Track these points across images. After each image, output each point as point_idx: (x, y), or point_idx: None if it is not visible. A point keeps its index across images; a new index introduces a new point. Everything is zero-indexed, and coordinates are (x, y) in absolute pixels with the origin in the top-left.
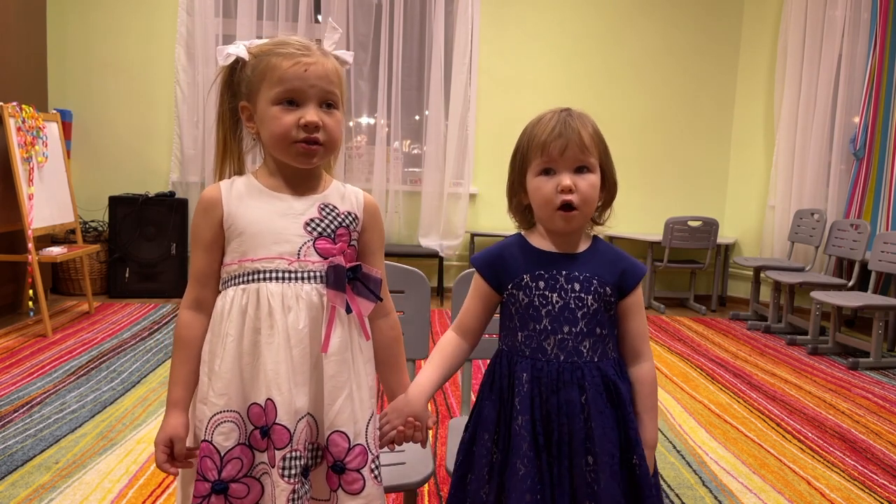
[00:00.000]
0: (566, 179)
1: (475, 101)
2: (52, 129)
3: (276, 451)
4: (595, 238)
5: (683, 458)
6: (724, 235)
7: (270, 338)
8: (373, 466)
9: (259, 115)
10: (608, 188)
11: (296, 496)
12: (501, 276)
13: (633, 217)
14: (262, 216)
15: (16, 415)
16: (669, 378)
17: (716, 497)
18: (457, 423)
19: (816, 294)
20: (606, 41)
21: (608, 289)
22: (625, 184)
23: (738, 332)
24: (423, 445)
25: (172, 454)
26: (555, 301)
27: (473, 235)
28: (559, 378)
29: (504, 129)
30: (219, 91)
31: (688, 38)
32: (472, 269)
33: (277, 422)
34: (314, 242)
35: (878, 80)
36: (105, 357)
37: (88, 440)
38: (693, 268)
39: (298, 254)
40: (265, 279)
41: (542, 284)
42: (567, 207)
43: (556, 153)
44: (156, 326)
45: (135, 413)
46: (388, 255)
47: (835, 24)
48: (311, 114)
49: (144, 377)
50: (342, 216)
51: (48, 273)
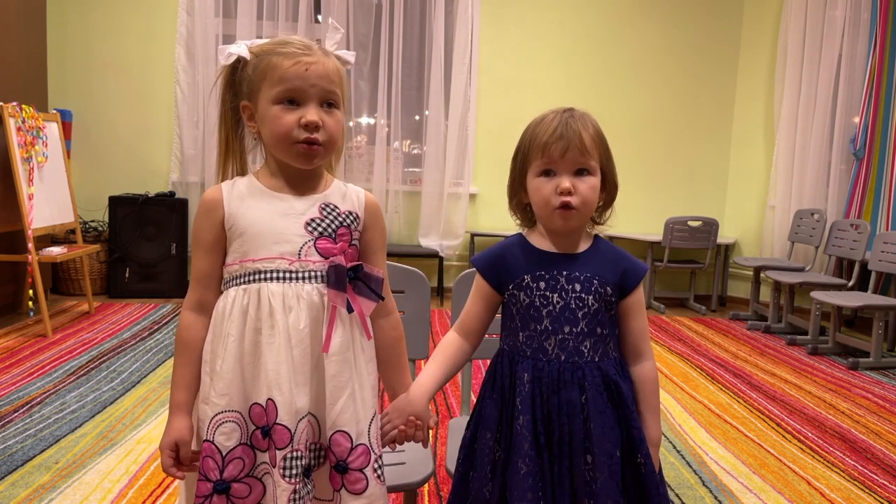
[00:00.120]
0: (565, 182)
1: (475, 101)
2: (52, 129)
3: (277, 452)
4: (596, 237)
5: (683, 458)
6: (724, 235)
7: (271, 338)
8: (375, 466)
9: (260, 115)
10: (609, 189)
11: (297, 496)
12: (502, 277)
13: (633, 217)
14: (263, 216)
15: (16, 415)
16: (669, 378)
17: (716, 497)
18: (457, 424)
19: (816, 294)
20: (606, 41)
21: (609, 288)
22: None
23: (738, 332)
24: (425, 445)
25: (178, 458)
26: (555, 301)
27: (473, 235)
28: (560, 378)
29: (504, 130)
30: (220, 91)
31: (688, 38)
32: (473, 270)
33: (278, 422)
34: (315, 242)
35: (878, 80)
36: (105, 357)
37: (88, 440)
38: (693, 268)
39: (299, 254)
40: (266, 279)
41: (543, 285)
42: (566, 208)
43: (557, 155)
44: (156, 326)
45: (135, 413)
46: (389, 255)
47: (835, 24)
48: (312, 113)
49: (144, 377)
50: (343, 216)
51: (48, 273)
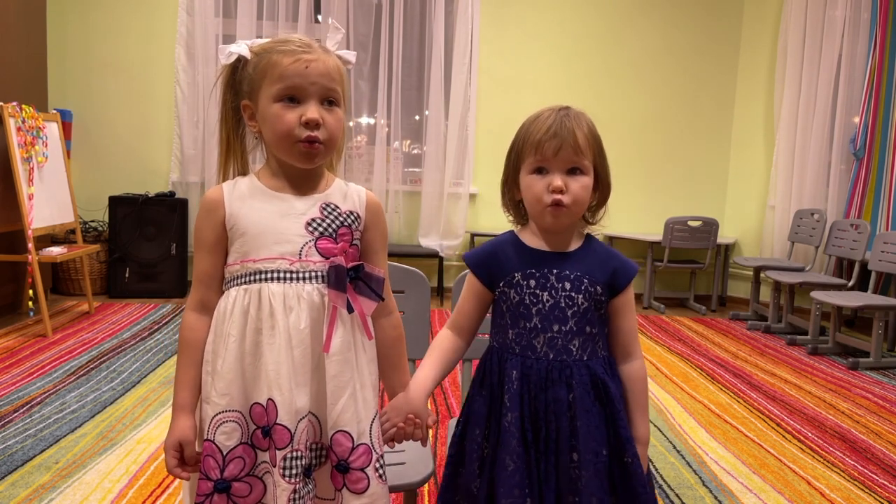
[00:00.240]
0: (557, 180)
1: (475, 101)
2: (52, 129)
3: (277, 451)
4: (588, 237)
5: (683, 458)
6: (724, 235)
7: (272, 338)
8: (377, 465)
9: (261, 114)
10: (601, 189)
11: (297, 496)
12: (493, 274)
13: (633, 217)
14: (264, 217)
15: (16, 415)
16: (669, 378)
17: (716, 497)
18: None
19: (816, 294)
20: (606, 41)
21: (599, 288)
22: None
23: (738, 332)
24: (424, 443)
25: (182, 458)
26: (545, 300)
27: (473, 235)
28: (548, 376)
29: (504, 129)
30: (221, 90)
31: (688, 38)
32: None
33: (278, 422)
34: (315, 242)
35: (878, 80)
36: (105, 357)
37: (88, 440)
38: (693, 268)
39: (300, 254)
40: (267, 279)
41: (533, 283)
42: (556, 205)
43: (550, 153)
44: (156, 326)
45: (135, 413)
46: (389, 255)
47: (835, 24)
48: (313, 111)
49: (144, 377)
50: (344, 215)
51: (48, 273)
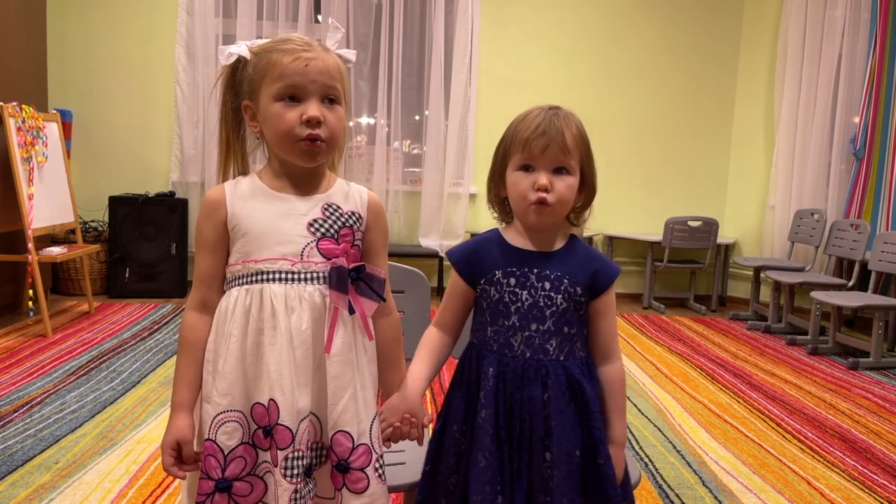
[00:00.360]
0: (543, 178)
1: (475, 101)
2: (52, 129)
3: (279, 451)
4: (572, 237)
5: (683, 458)
6: (724, 235)
7: (273, 338)
8: (377, 465)
9: (261, 113)
10: (587, 191)
11: (298, 496)
12: (475, 271)
13: (633, 217)
14: (266, 217)
15: (16, 415)
16: (669, 378)
17: (716, 497)
18: None
19: (816, 294)
20: (606, 41)
21: (579, 288)
22: (625, 184)
23: (738, 332)
24: (420, 442)
25: (180, 457)
26: (524, 298)
27: (473, 235)
28: (524, 375)
29: (504, 129)
30: (221, 91)
31: (688, 38)
32: None
33: (280, 422)
34: (317, 243)
35: (878, 80)
36: (105, 357)
37: (88, 440)
38: (693, 268)
39: (301, 254)
40: (268, 280)
41: (513, 281)
42: (541, 204)
43: (537, 151)
44: (156, 326)
45: (135, 413)
46: (389, 255)
47: (835, 24)
48: (313, 108)
49: (144, 377)
50: (346, 216)
51: (48, 273)
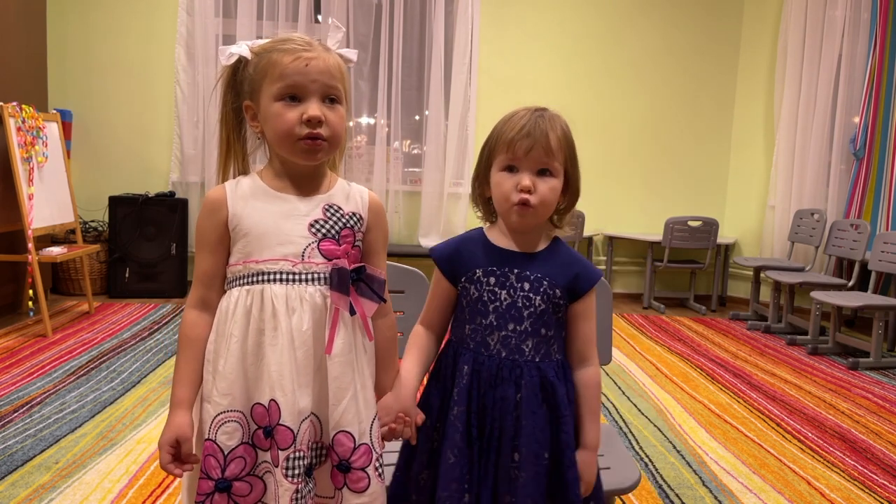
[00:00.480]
0: (526, 179)
1: (475, 101)
2: (52, 129)
3: (280, 452)
4: (555, 239)
5: (683, 458)
6: (724, 235)
7: (274, 339)
8: (377, 465)
9: (262, 113)
10: (571, 193)
11: (299, 496)
12: (457, 269)
13: (633, 217)
14: (267, 217)
15: (16, 415)
16: (669, 378)
17: (716, 497)
18: None
19: (816, 294)
20: (606, 41)
21: (558, 291)
22: (625, 184)
23: (738, 332)
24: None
25: (178, 455)
26: (503, 298)
27: None
28: (498, 374)
29: None
30: (221, 91)
31: (688, 38)
32: None
33: (281, 423)
34: (318, 244)
35: (878, 80)
36: (105, 357)
37: (88, 440)
38: (693, 268)
39: (303, 255)
40: (269, 280)
41: (493, 280)
42: (523, 205)
43: (521, 153)
44: (156, 326)
45: (135, 413)
46: (389, 255)
47: (835, 24)
48: (314, 108)
49: (144, 377)
50: (347, 217)
51: (48, 273)
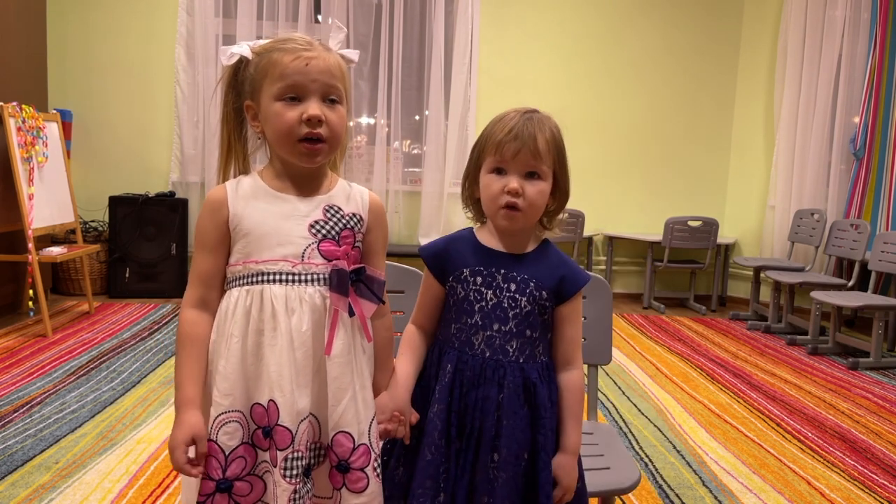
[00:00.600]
0: (513, 182)
1: (475, 101)
2: (52, 129)
3: (279, 452)
4: (545, 241)
5: (683, 458)
6: (724, 235)
7: (273, 340)
8: (375, 465)
9: (263, 113)
10: (559, 196)
11: (297, 496)
12: (445, 268)
13: (633, 217)
14: (267, 218)
15: (16, 415)
16: (669, 378)
17: (716, 497)
18: None
19: (816, 294)
20: (606, 41)
21: (545, 293)
22: (625, 184)
23: (738, 332)
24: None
25: (194, 454)
26: (489, 298)
27: None
28: (482, 374)
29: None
30: (222, 91)
31: (688, 38)
32: None
33: (279, 423)
34: (318, 245)
35: (878, 80)
36: (105, 357)
37: (88, 440)
38: (693, 268)
39: (303, 256)
40: (269, 281)
41: (480, 280)
42: (511, 208)
43: (509, 155)
44: (156, 326)
45: (135, 413)
46: (389, 255)
47: (835, 24)
48: (314, 107)
49: (144, 377)
50: (347, 218)
51: (48, 273)
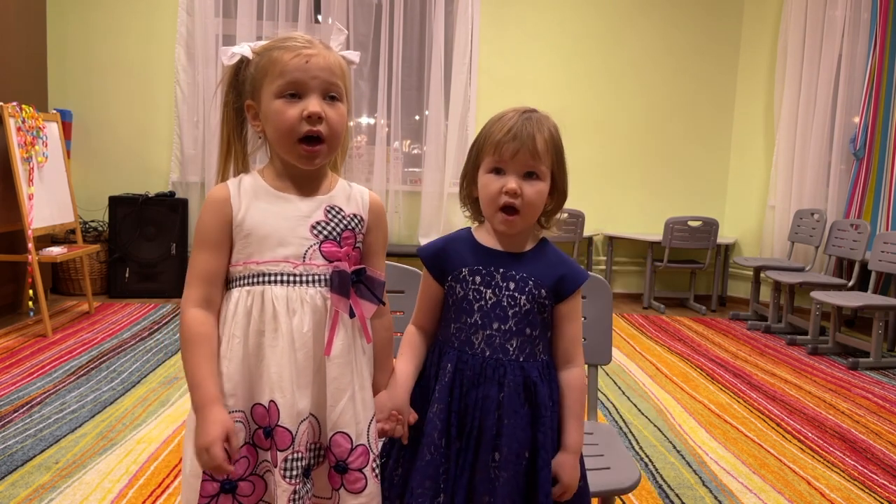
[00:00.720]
0: (512, 182)
1: (475, 101)
2: (52, 129)
3: (279, 453)
4: (543, 240)
5: (683, 458)
6: (724, 235)
7: (274, 340)
8: (374, 465)
9: (263, 111)
10: (557, 196)
11: (297, 496)
12: (444, 268)
13: (633, 217)
14: (269, 218)
15: (16, 415)
16: (669, 378)
17: (716, 497)
18: None
19: (816, 294)
20: (606, 41)
21: (544, 291)
22: (625, 184)
23: (738, 332)
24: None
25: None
26: (488, 297)
27: None
28: (482, 373)
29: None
30: (223, 91)
31: (688, 38)
32: None
33: (280, 424)
34: (320, 246)
35: (878, 80)
36: (105, 357)
37: (88, 440)
38: (693, 268)
39: (304, 257)
40: (270, 282)
41: (479, 279)
42: (509, 210)
43: (508, 155)
44: (156, 326)
45: (135, 413)
46: (388, 255)
47: (835, 24)
48: (314, 104)
49: (144, 377)
50: (348, 218)
51: (48, 273)
